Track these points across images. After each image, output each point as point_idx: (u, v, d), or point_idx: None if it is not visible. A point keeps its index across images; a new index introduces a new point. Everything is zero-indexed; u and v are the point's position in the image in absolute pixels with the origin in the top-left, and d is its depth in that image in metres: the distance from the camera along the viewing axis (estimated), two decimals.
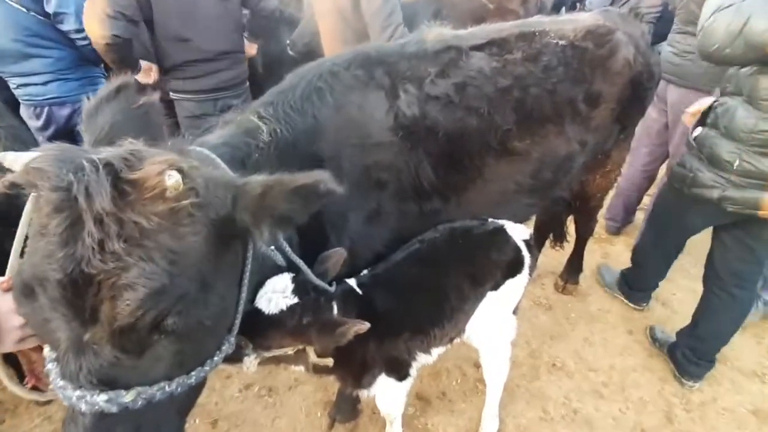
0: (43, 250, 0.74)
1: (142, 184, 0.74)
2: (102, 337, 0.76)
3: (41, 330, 0.80)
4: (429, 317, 1.55)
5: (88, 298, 0.73)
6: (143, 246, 0.74)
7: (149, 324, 0.76)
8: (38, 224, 0.75)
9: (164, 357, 0.84)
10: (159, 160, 0.77)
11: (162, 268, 0.76)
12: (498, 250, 1.62)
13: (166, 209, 0.76)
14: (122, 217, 0.73)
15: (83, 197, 0.70)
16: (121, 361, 0.79)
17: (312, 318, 1.21)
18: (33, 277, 0.75)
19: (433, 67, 1.53)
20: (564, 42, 1.69)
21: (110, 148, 0.81)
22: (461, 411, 2.28)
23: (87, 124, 0.98)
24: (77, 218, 0.72)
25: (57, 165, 0.73)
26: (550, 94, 1.61)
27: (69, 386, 0.77)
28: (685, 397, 2.30)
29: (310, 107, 1.34)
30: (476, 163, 1.56)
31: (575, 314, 2.88)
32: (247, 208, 0.86)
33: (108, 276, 0.72)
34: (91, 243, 0.71)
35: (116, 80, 1.02)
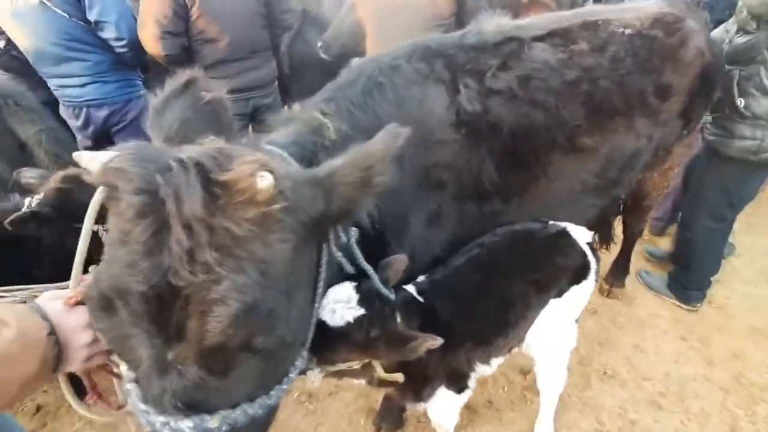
0: (125, 258, 0.67)
1: (234, 186, 0.67)
2: (188, 357, 0.69)
3: (120, 347, 0.74)
4: (492, 326, 1.46)
5: (175, 313, 0.66)
6: (235, 256, 0.67)
7: (240, 343, 0.69)
8: (118, 230, 0.68)
9: (248, 377, 0.77)
10: (250, 160, 0.69)
11: (254, 281, 0.69)
12: (564, 254, 1.52)
13: (258, 214, 0.68)
14: (212, 223, 0.65)
15: (172, 201, 0.63)
16: (206, 383, 0.72)
17: (380, 330, 1.13)
18: (113, 288, 0.68)
19: (493, 60, 1.44)
20: (630, 31, 1.58)
21: (192, 146, 0.74)
22: (510, 420, 2.18)
23: (154, 120, 0.92)
24: (163, 224, 0.65)
25: (140, 165, 0.66)
26: (620, 87, 1.51)
27: (152, 411, 0.71)
28: (750, 409, 2.16)
29: (372, 103, 1.26)
30: (542, 160, 1.46)
31: (623, 319, 2.75)
32: (347, 195, 0.80)
33: (198, 289, 0.65)
34: (179, 252, 0.64)
35: (183, 75, 0.96)
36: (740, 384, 2.29)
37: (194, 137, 0.90)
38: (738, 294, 2.88)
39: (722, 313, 2.75)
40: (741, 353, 2.45)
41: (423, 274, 1.49)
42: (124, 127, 2.74)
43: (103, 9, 2.34)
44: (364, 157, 0.80)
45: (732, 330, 2.61)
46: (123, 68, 2.62)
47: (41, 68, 2.50)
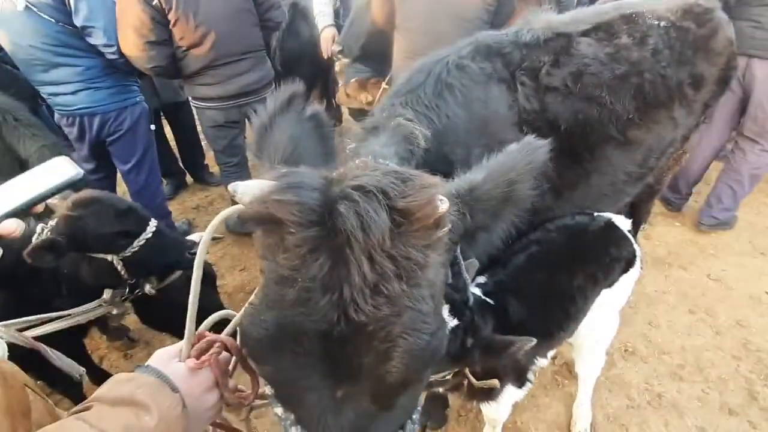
0: (296, 298, 0.61)
1: (415, 213, 0.62)
2: (363, 394, 0.65)
3: (286, 389, 0.69)
4: (557, 322, 1.48)
5: (354, 350, 0.62)
6: (418, 285, 0.63)
7: (416, 374, 0.66)
8: (285, 267, 0.62)
9: (405, 405, 0.75)
10: (428, 184, 0.65)
11: (431, 309, 0.66)
12: (617, 246, 1.56)
13: (434, 240, 0.65)
14: (394, 253, 0.61)
15: (360, 232, 0.58)
16: (376, 417, 0.69)
17: (474, 339, 1.13)
18: (281, 330, 0.63)
19: (546, 56, 1.44)
20: (666, 23, 1.62)
21: (351, 170, 0.69)
22: (546, 405, 2.25)
23: (261, 141, 0.85)
24: (339, 257, 0.60)
25: (307, 194, 0.61)
26: (663, 79, 1.55)
27: None
28: (762, 373, 2.33)
29: (444, 105, 1.23)
30: (596, 155, 1.49)
31: (634, 297, 2.85)
32: (489, 212, 0.78)
33: (381, 324, 0.61)
34: (362, 286, 0.59)
35: (286, 90, 0.89)
36: (749, 350, 2.46)
37: (305, 155, 0.86)
38: (732, 266, 3.08)
39: (722, 284, 2.93)
40: (745, 321, 2.63)
41: (479, 274, 1.50)
42: (120, 137, 2.56)
43: (90, 14, 2.17)
44: (506, 171, 0.78)
45: (733, 300, 2.79)
46: (116, 74, 2.45)
47: (31, 76, 2.30)
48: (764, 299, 2.79)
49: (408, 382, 0.67)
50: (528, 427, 2.15)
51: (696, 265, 3.12)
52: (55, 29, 2.17)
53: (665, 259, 3.19)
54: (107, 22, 2.24)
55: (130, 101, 2.54)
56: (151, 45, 2.30)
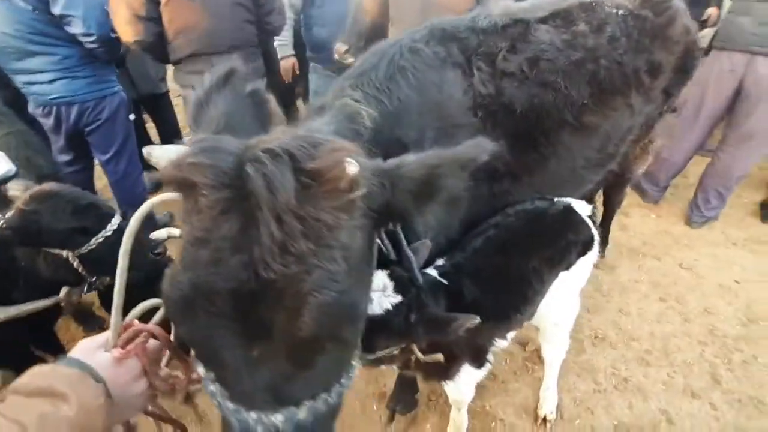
0: (208, 258, 0.64)
1: (323, 174, 0.65)
2: (279, 351, 0.67)
3: (202, 348, 0.71)
4: (513, 304, 1.52)
5: (265, 308, 0.64)
6: (327, 245, 0.66)
7: (331, 333, 0.69)
8: (198, 228, 0.65)
9: (328, 367, 0.77)
10: (338, 147, 0.68)
11: (343, 269, 0.68)
12: (573, 230, 1.60)
13: (344, 202, 0.67)
14: (303, 213, 0.63)
15: (265, 192, 0.60)
16: (293, 376, 0.71)
17: (418, 315, 1.16)
18: (196, 290, 0.65)
19: (503, 42, 1.47)
20: (623, 11, 1.65)
21: (268, 136, 0.71)
22: (515, 390, 2.29)
23: (197, 115, 0.87)
24: (250, 218, 0.62)
25: (220, 158, 0.63)
26: (619, 66, 1.58)
27: (242, 409, 0.70)
28: (726, 358, 2.38)
29: (395, 88, 1.25)
30: (552, 140, 1.52)
31: (606, 286, 2.93)
32: (410, 190, 0.78)
33: (290, 282, 0.63)
34: (271, 245, 0.61)
35: (223, 67, 0.91)
36: (715, 336, 2.51)
37: (241, 131, 0.87)
38: (705, 256, 3.14)
39: (693, 273, 2.99)
40: (713, 309, 2.69)
41: (438, 255, 1.53)
42: (98, 126, 2.55)
43: (69, 2, 2.16)
44: (434, 158, 0.79)
45: (703, 289, 2.85)
46: (94, 63, 2.43)
47: (5, 64, 2.28)
48: (733, 288, 2.85)
49: (321, 340, 0.69)
50: (496, 411, 2.19)
51: (669, 255, 3.17)
52: (31, 17, 2.16)
53: (640, 249, 3.25)
54: (86, 11, 2.22)
55: (109, 91, 2.53)
56: (139, 19, 2.27)
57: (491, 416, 2.16)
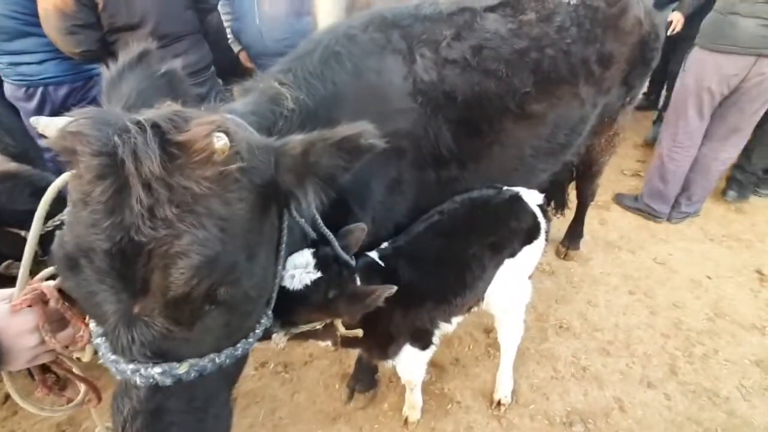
0: (87, 219, 0.70)
1: (191, 146, 0.71)
2: (154, 309, 0.73)
3: (87, 303, 0.77)
4: (451, 288, 1.56)
5: (139, 268, 0.71)
6: (195, 212, 0.72)
7: (203, 294, 0.74)
8: (80, 192, 0.71)
9: (213, 328, 0.83)
10: (206, 121, 0.73)
11: (214, 235, 0.74)
12: (516, 218, 1.63)
13: (215, 173, 0.73)
14: (171, 181, 0.69)
15: (131, 161, 0.67)
16: (172, 333, 0.77)
17: (338, 290, 1.20)
18: (77, 248, 0.72)
19: (448, 30, 1.50)
20: (575, 1, 1.67)
21: (150, 110, 0.77)
22: (475, 375, 2.34)
23: (110, 92, 0.93)
24: (123, 184, 0.69)
25: (98, 128, 0.69)
26: (566, 55, 1.60)
27: (121, 360, 0.76)
28: (687, 351, 2.41)
29: (330, 73, 1.30)
30: (495, 127, 1.55)
31: (578, 278, 2.95)
32: (290, 168, 0.84)
33: (160, 244, 0.69)
34: (140, 209, 0.68)
35: (136, 47, 0.97)
36: (679, 329, 2.53)
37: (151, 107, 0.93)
38: (680, 250, 3.15)
39: (666, 268, 3.00)
40: (681, 303, 2.71)
41: (386, 240, 1.57)
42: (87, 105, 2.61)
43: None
44: (313, 137, 0.84)
45: (674, 283, 2.86)
46: None
47: None
48: (704, 283, 2.86)
49: (194, 300, 0.74)
50: (454, 393, 2.24)
51: (645, 249, 3.18)
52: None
53: (616, 243, 3.26)
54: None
55: (96, 71, 2.56)
56: (77, 28, 2.17)
57: (448, 398, 2.22)
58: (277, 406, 2.19)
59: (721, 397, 2.17)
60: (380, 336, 1.50)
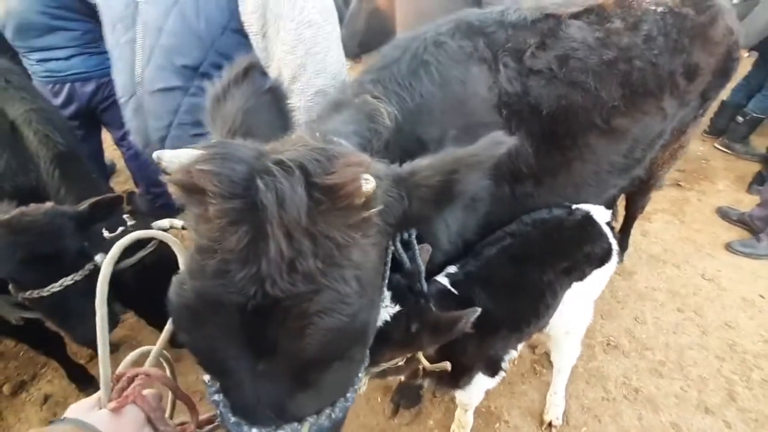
0: (216, 268, 0.61)
1: (338, 191, 0.62)
2: (283, 369, 0.66)
3: (206, 358, 0.70)
4: (525, 316, 1.48)
5: (272, 325, 0.62)
6: (338, 265, 0.63)
7: (337, 355, 0.67)
8: (206, 238, 0.63)
9: (334, 384, 0.76)
10: (354, 162, 0.65)
11: (353, 290, 0.66)
12: (591, 242, 1.54)
13: (359, 220, 0.65)
14: (314, 231, 0.61)
15: (275, 208, 0.58)
16: (298, 393, 0.70)
17: (419, 323, 1.11)
18: (202, 300, 0.63)
19: (532, 38, 1.40)
20: (662, 9, 1.56)
21: (282, 145, 0.68)
22: (522, 393, 2.27)
23: (214, 111, 0.85)
24: (259, 231, 0.60)
25: (232, 167, 0.61)
26: (653, 67, 1.49)
27: (243, 423, 0.69)
28: (745, 375, 2.30)
29: (418, 84, 1.21)
30: (579, 143, 1.45)
31: (622, 293, 2.85)
32: (426, 199, 0.75)
33: (298, 301, 0.61)
34: (279, 261, 0.59)
35: (242, 61, 0.88)
36: (734, 352, 2.43)
37: (258, 130, 0.85)
38: (728, 266, 3.03)
39: (714, 285, 2.88)
40: (734, 323, 2.60)
41: (455, 259, 1.49)
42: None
43: None
44: (450, 161, 0.76)
45: (724, 301, 2.76)
46: None
47: (22, 41, 2.30)
48: (757, 302, 2.74)
49: (326, 361, 0.67)
50: (501, 412, 2.17)
51: (690, 264, 3.07)
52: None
53: (660, 256, 3.15)
54: None
55: None
56: None
57: (496, 417, 2.15)
58: None
59: None
60: (454, 367, 1.42)
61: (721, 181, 3.97)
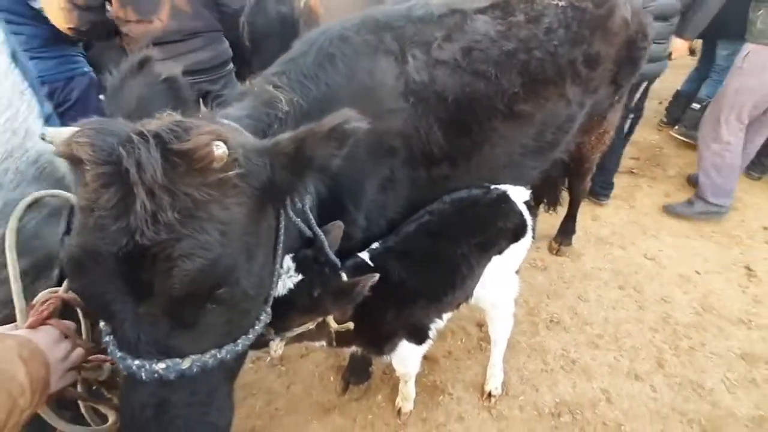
0: (94, 224, 0.74)
1: (191, 155, 0.75)
2: (158, 309, 0.78)
3: (95, 303, 0.82)
4: (441, 287, 1.60)
5: (144, 270, 0.75)
6: (196, 217, 0.76)
7: (204, 294, 0.80)
8: (86, 199, 0.75)
9: (214, 326, 0.88)
10: (206, 131, 0.78)
11: (215, 239, 0.78)
12: (504, 217, 1.67)
13: (215, 180, 0.78)
14: (173, 188, 0.74)
15: (135, 169, 0.71)
16: (176, 331, 0.82)
17: (322, 288, 1.24)
18: (85, 252, 0.76)
19: (439, 32, 1.54)
20: (563, 3, 1.71)
21: (152, 120, 0.81)
22: (467, 367, 2.40)
23: (112, 100, 0.98)
24: (128, 191, 0.73)
25: (103, 138, 0.74)
26: (553, 57, 1.64)
27: (128, 357, 0.81)
28: (674, 344, 2.47)
29: (323, 74, 1.34)
30: (484, 127, 1.59)
31: (569, 273, 3.01)
32: (286, 166, 0.88)
33: (163, 247, 0.74)
34: (144, 215, 0.72)
35: (137, 54, 1.01)
36: (667, 323, 2.59)
37: (153, 115, 0.97)
38: (670, 246, 3.20)
39: (655, 263, 3.05)
40: (670, 297, 2.76)
41: (379, 237, 1.62)
42: (70, 107, 2.62)
43: None
44: (302, 131, 0.88)
45: (663, 278, 2.92)
46: (61, 44, 2.46)
47: None
48: (693, 278, 2.92)
49: (197, 300, 0.80)
50: (446, 386, 2.30)
51: (636, 245, 3.24)
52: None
53: (608, 239, 3.31)
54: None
55: (78, 71, 2.57)
56: (73, 6, 2.21)
57: (440, 390, 2.28)
58: (273, 397, 2.25)
59: (705, 389, 2.23)
60: (375, 334, 1.55)
61: (672, 168, 4.15)
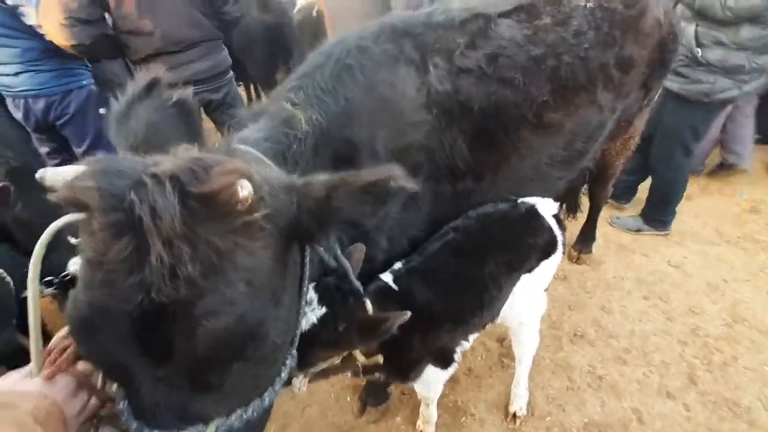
0: (104, 279, 0.64)
1: (214, 198, 0.64)
2: (179, 372, 0.68)
3: (107, 367, 0.72)
4: (469, 308, 1.50)
5: (162, 330, 0.65)
6: (219, 269, 0.66)
7: (230, 355, 0.69)
8: (94, 250, 0.65)
9: (241, 384, 0.78)
10: (228, 170, 0.67)
11: (241, 291, 0.68)
12: (533, 234, 1.57)
13: (240, 224, 0.67)
14: (193, 238, 0.63)
15: (149, 218, 0.60)
16: (198, 395, 0.72)
17: (347, 323, 1.14)
18: (94, 310, 0.66)
19: (461, 38, 1.44)
20: (592, 4, 1.60)
21: (166, 157, 0.71)
22: (489, 386, 2.30)
23: (118, 128, 0.87)
24: (142, 242, 0.62)
25: (111, 181, 0.63)
26: (583, 61, 1.53)
27: (145, 427, 0.71)
28: (706, 359, 2.35)
29: (341, 88, 1.24)
30: (512, 137, 1.49)
31: (591, 283, 2.89)
32: (312, 211, 0.78)
33: (183, 305, 0.64)
34: (161, 269, 0.61)
35: (145, 75, 0.90)
36: (697, 336, 2.47)
37: (162, 143, 0.86)
38: (694, 253, 3.08)
39: (680, 271, 2.93)
40: (698, 308, 2.64)
41: (402, 256, 1.52)
42: (68, 121, 2.56)
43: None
44: (336, 180, 0.78)
45: (689, 287, 2.80)
46: (58, 56, 2.40)
47: None
48: (720, 286, 2.79)
49: (223, 361, 0.69)
50: (468, 406, 2.20)
51: (659, 252, 3.12)
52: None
53: (628, 246, 3.20)
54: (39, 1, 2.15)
55: (75, 84, 2.52)
56: (75, 22, 2.16)
57: (462, 411, 2.18)
58: (288, 421, 2.15)
59: (742, 407, 2.11)
60: (400, 361, 1.45)
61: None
